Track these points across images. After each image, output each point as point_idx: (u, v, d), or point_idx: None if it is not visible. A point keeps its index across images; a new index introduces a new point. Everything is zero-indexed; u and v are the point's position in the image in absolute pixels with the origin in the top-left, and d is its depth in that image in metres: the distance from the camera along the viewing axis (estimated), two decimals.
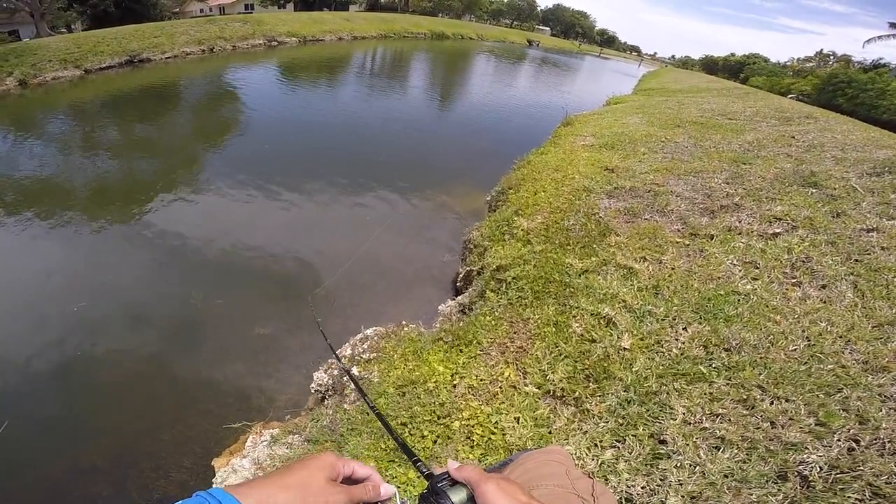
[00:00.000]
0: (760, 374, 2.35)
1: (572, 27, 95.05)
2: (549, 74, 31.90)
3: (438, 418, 2.55)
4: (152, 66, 17.47)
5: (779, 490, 1.76)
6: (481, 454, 2.30)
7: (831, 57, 55.30)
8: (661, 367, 2.54)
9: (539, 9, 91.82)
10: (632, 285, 3.30)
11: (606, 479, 2.00)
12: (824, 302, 2.90)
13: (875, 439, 1.88)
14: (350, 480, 0.69)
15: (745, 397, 2.23)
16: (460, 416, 2.53)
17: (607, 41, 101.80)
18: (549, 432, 2.33)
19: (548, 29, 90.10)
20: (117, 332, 4.38)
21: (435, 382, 2.80)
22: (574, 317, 3.09)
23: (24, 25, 23.31)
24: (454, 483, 0.68)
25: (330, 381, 3.21)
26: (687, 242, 3.82)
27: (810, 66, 56.53)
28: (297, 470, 0.62)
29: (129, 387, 3.84)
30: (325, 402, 3.13)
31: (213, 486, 2.57)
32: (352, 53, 27.18)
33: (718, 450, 1.99)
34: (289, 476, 0.60)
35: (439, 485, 0.68)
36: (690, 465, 1.95)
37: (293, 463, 0.64)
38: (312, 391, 3.35)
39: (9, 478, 3.12)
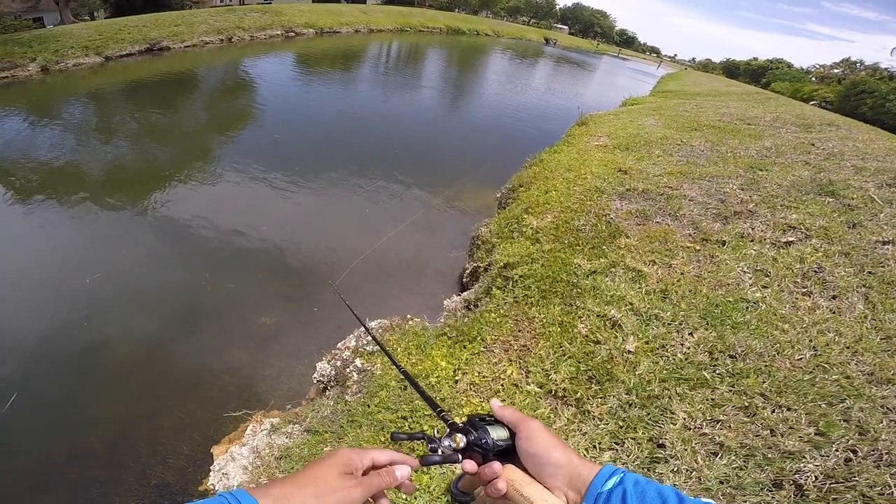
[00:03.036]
0: (764, 382, 2.33)
1: (591, 26, 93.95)
2: (565, 73, 31.64)
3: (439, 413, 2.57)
4: (171, 55, 17.67)
5: (773, 498, 1.75)
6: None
7: (859, 64, 53.85)
8: (664, 372, 2.53)
9: (558, 7, 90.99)
10: (640, 288, 3.28)
11: None
12: (834, 313, 2.86)
13: (873, 450, 1.86)
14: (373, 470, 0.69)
15: (746, 404, 2.22)
16: (461, 412, 2.55)
17: (626, 42, 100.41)
18: None
19: (566, 27, 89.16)
20: (125, 311, 4.46)
21: (437, 377, 2.82)
22: (580, 317, 3.09)
23: (48, 12, 23.72)
24: (491, 425, 0.68)
25: (333, 373, 3.25)
26: (698, 247, 3.79)
27: (836, 72, 55.20)
28: (312, 467, 0.63)
29: (131, 369, 3.88)
30: (327, 392, 3.17)
31: (211, 473, 2.62)
32: (368, 46, 27.23)
33: (716, 456, 1.99)
34: (303, 475, 0.61)
35: (479, 422, 0.68)
36: (687, 471, 1.95)
37: (310, 462, 0.65)
38: (315, 381, 3.39)
39: (5, 460, 3.13)
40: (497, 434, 0.66)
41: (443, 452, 0.65)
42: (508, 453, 0.66)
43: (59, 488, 3.01)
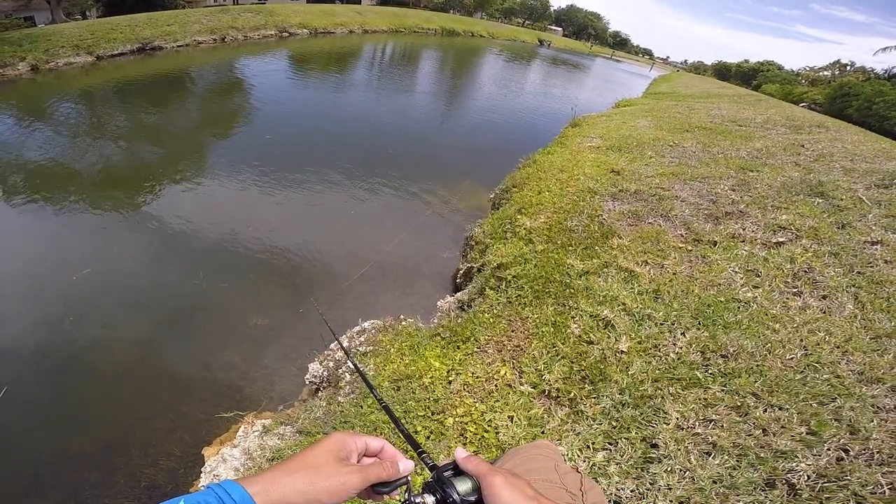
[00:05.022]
0: (756, 381, 2.34)
1: (585, 28, 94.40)
2: (559, 75, 31.78)
3: (433, 414, 2.57)
4: (163, 55, 17.52)
5: (766, 497, 1.76)
6: (474, 452, 2.31)
7: (849, 66, 54.57)
8: (657, 372, 2.54)
9: (552, 9, 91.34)
10: (632, 289, 3.30)
11: (596, 481, 2.00)
12: (824, 312, 2.88)
13: (864, 449, 1.87)
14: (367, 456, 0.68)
15: (739, 404, 2.23)
16: (454, 413, 2.54)
17: (620, 43, 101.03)
18: (543, 432, 2.34)
19: (560, 29, 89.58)
20: (115, 309, 4.39)
21: (430, 378, 2.81)
22: (573, 318, 3.09)
23: (39, 11, 23.47)
24: (459, 473, 0.67)
25: (325, 374, 3.23)
26: (689, 248, 3.81)
27: (826, 74, 55.90)
28: (304, 452, 0.60)
29: (123, 369, 3.82)
30: (320, 394, 3.15)
31: (202, 475, 2.59)
32: (362, 47, 27.17)
33: (709, 455, 1.99)
34: (295, 460, 0.59)
35: (445, 474, 0.67)
36: (680, 470, 1.95)
37: (305, 448, 0.62)
38: (307, 382, 3.36)
39: None
40: (463, 487, 0.65)
41: None
42: (481, 502, 0.65)
43: (48, 489, 2.95)
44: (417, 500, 0.64)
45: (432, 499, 0.64)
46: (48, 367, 3.77)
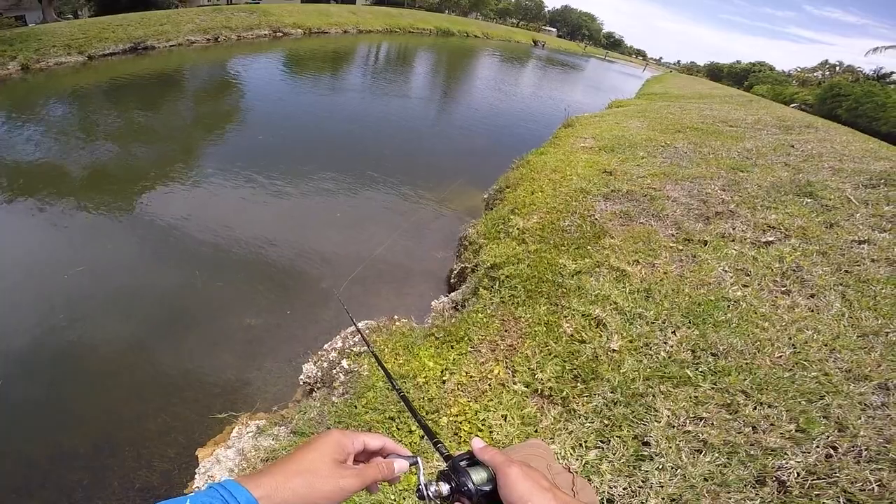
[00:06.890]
0: (745, 379, 2.37)
1: (579, 29, 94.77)
2: (552, 76, 31.88)
3: (427, 413, 2.57)
4: (156, 54, 17.39)
5: (756, 494, 1.78)
6: (468, 451, 2.32)
7: (838, 67, 55.21)
8: (648, 370, 2.56)
9: (546, 9, 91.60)
10: (624, 288, 3.32)
11: (589, 479, 2.02)
12: (812, 311, 2.92)
13: (853, 446, 1.90)
14: (366, 454, 0.69)
15: (729, 402, 2.25)
16: (448, 412, 2.56)
17: (613, 44, 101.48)
18: (536, 431, 2.35)
19: (554, 30, 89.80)
20: (109, 309, 4.36)
21: (425, 377, 2.82)
22: (565, 317, 3.11)
23: (31, 11, 23.24)
24: (475, 463, 0.68)
25: (319, 374, 3.22)
26: (680, 247, 3.85)
27: (816, 75, 56.47)
28: (304, 454, 0.61)
29: (115, 369, 3.78)
30: (314, 394, 3.14)
31: (196, 476, 2.58)
32: (356, 47, 27.13)
33: (700, 453, 2.01)
34: (296, 462, 0.60)
35: (461, 463, 0.68)
36: (672, 468, 1.97)
37: (300, 447, 0.63)
38: (301, 383, 3.36)
39: None
40: (478, 476, 0.65)
41: (429, 497, 0.65)
42: (496, 493, 0.65)
43: (41, 491, 2.92)
44: (432, 489, 0.65)
45: (447, 487, 0.65)
46: (39, 366, 3.72)
